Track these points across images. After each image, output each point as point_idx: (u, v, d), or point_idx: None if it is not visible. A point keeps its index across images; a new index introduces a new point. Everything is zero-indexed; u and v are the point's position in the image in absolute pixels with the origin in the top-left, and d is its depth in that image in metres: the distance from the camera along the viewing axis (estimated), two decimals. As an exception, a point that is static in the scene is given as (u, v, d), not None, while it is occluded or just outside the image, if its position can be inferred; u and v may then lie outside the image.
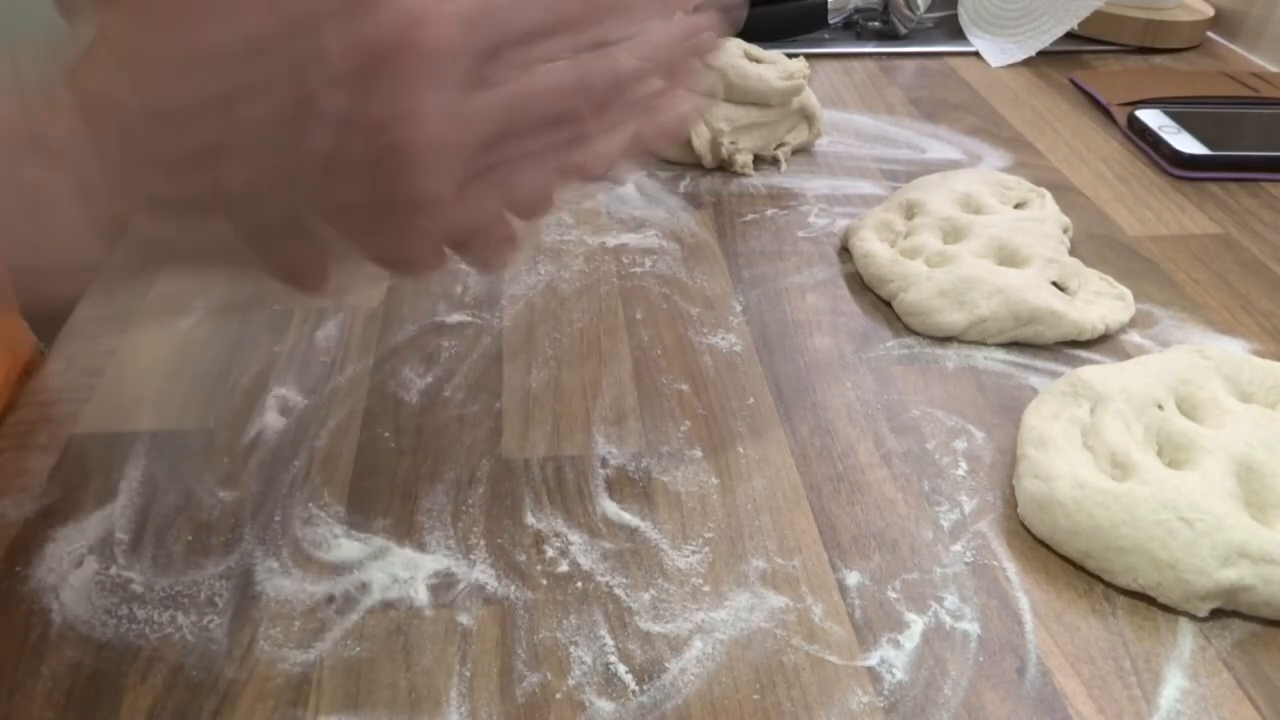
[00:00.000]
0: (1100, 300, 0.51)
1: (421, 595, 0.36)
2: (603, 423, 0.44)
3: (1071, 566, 0.37)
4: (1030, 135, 0.71)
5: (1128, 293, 0.52)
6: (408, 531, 0.38)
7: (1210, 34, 0.90)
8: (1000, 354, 0.49)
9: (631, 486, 0.41)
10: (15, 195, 0.28)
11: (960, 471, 0.42)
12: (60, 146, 0.28)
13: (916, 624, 0.35)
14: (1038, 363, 0.48)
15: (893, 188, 0.63)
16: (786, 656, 0.34)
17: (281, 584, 0.36)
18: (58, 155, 0.28)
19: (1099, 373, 0.43)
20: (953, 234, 0.54)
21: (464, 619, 0.35)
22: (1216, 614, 0.35)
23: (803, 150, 0.68)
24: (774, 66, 0.65)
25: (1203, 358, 0.43)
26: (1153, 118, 0.70)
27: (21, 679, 0.33)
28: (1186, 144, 0.66)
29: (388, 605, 0.35)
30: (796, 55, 0.67)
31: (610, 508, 0.39)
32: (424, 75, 0.28)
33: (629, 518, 0.39)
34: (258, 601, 0.35)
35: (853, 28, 0.91)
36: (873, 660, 0.34)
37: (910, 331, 0.50)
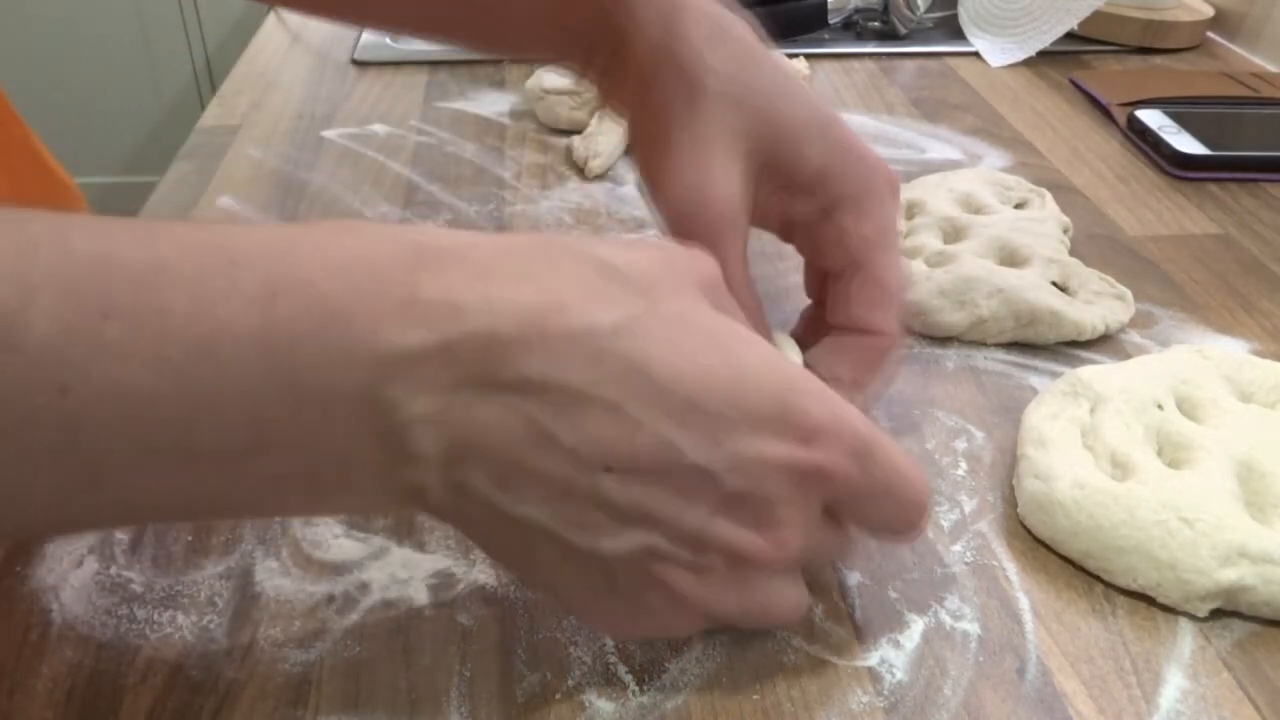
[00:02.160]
0: (1100, 300, 0.51)
1: (421, 595, 0.36)
2: (603, 423, 0.44)
3: (1071, 566, 0.37)
4: (1030, 135, 0.71)
5: (1128, 293, 0.52)
6: (408, 531, 0.38)
7: (1210, 34, 0.90)
8: (1000, 354, 0.49)
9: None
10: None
11: (960, 471, 0.42)
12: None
13: (917, 624, 0.35)
14: (1038, 363, 0.48)
15: (893, 188, 0.63)
16: (786, 656, 0.34)
17: (281, 584, 0.36)
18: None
19: (1099, 373, 0.42)
20: (953, 234, 0.54)
21: (464, 619, 0.35)
22: (1216, 614, 0.35)
23: (803, 150, 0.68)
24: (774, 66, 0.65)
25: (1203, 358, 0.43)
26: (1153, 118, 0.70)
27: (21, 679, 0.33)
28: (1186, 144, 0.66)
29: (388, 605, 0.35)
30: (796, 55, 0.67)
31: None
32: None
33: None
34: (258, 601, 0.35)
35: (853, 28, 0.91)
36: (873, 660, 0.34)
37: (910, 331, 0.50)
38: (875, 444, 0.30)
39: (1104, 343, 0.50)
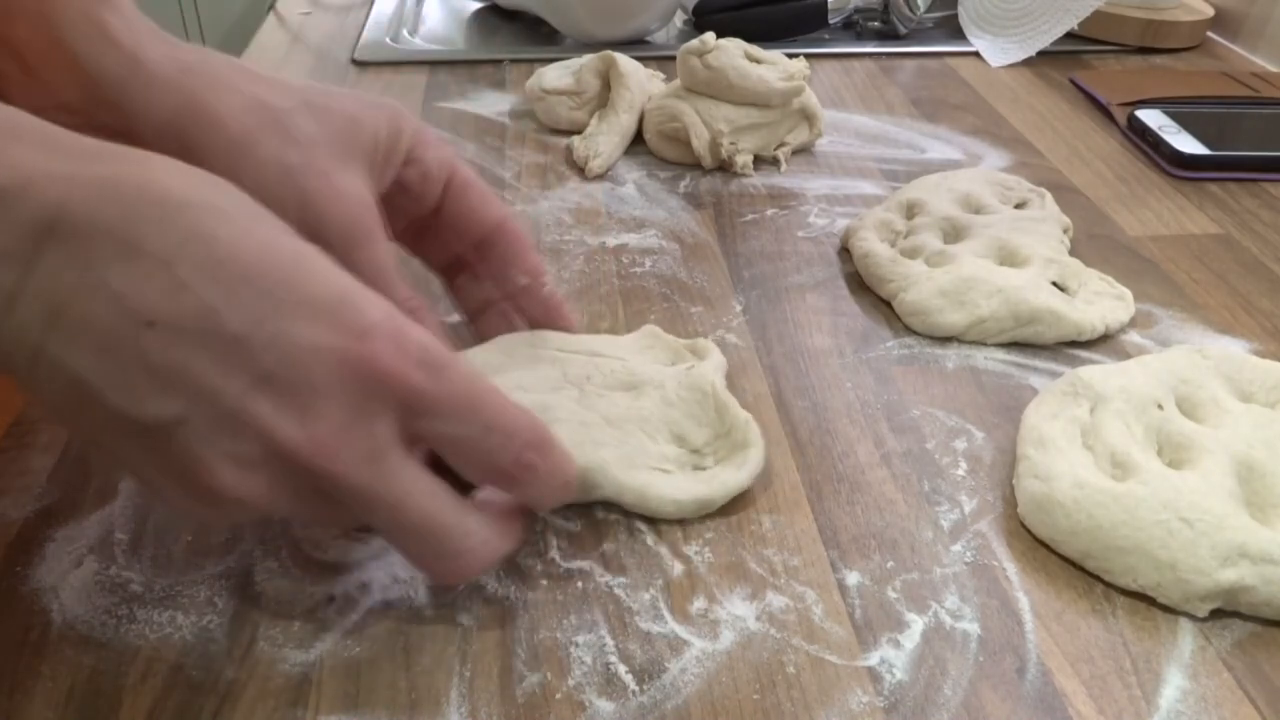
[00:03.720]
0: (1100, 300, 0.51)
1: (421, 595, 0.36)
2: (603, 423, 0.44)
3: (1071, 566, 0.37)
4: (1030, 135, 0.71)
5: (1128, 293, 0.52)
6: (408, 531, 0.38)
7: (1210, 34, 0.90)
8: (1000, 354, 0.49)
9: (631, 486, 0.40)
10: None
11: (960, 471, 0.42)
12: None
13: (916, 624, 0.35)
14: (1038, 363, 0.48)
15: (893, 188, 0.63)
16: (786, 656, 0.34)
17: (281, 584, 0.36)
18: None
19: (1099, 373, 0.43)
20: (953, 234, 0.54)
21: (464, 619, 0.35)
22: (1216, 614, 0.35)
23: (803, 150, 0.68)
24: (774, 67, 0.65)
25: (1203, 358, 0.43)
26: (1153, 118, 0.70)
27: (21, 679, 0.33)
28: (1186, 144, 0.66)
29: (388, 605, 0.35)
30: (796, 55, 0.67)
31: (610, 507, 0.39)
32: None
33: (629, 517, 0.39)
34: (258, 601, 0.35)
35: (853, 28, 0.91)
36: (873, 660, 0.34)
37: (910, 331, 0.50)
38: (448, 360, 0.30)
39: (1104, 343, 0.50)
